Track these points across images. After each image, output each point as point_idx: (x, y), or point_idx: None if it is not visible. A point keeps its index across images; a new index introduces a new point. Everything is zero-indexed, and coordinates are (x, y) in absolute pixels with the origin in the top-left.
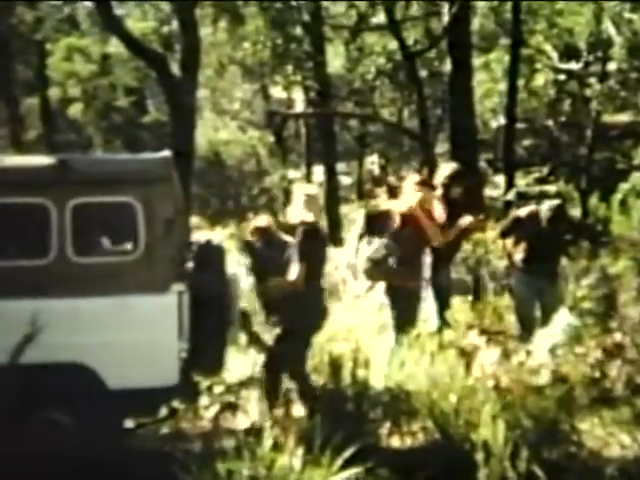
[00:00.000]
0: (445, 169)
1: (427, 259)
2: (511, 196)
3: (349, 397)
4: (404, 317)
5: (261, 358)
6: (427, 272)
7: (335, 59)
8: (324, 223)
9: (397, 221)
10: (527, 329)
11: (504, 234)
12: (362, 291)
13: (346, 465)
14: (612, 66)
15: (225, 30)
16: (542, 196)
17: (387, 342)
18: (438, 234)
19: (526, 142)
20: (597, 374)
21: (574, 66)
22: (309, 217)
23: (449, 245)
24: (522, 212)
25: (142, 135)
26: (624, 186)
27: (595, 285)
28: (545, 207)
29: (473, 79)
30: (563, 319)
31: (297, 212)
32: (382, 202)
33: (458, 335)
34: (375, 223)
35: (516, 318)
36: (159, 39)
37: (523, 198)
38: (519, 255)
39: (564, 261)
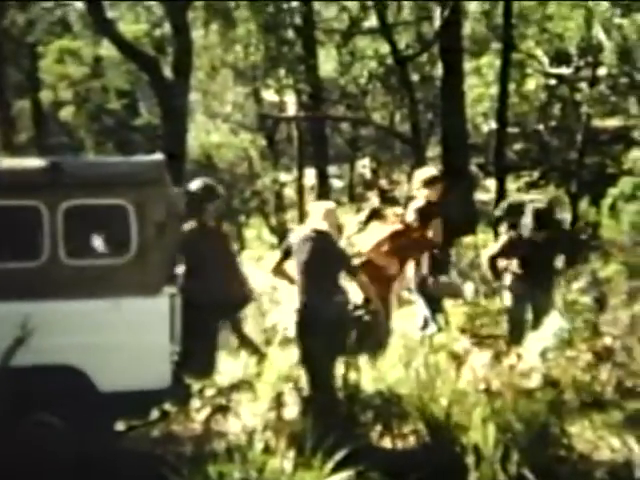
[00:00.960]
0: (421, 174)
1: (411, 269)
2: (499, 212)
3: (340, 400)
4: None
5: (252, 361)
6: (411, 281)
7: (327, 63)
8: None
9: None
10: (518, 333)
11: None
12: None
13: (337, 468)
14: (602, 71)
15: (217, 33)
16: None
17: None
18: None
19: (517, 146)
20: (587, 378)
21: (565, 71)
22: (322, 225)
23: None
24: (494, 250)
25: (134, 138)
26: (614, 190)
27: (586, 289)
28: (527, 216)
29: (464, 83)
30: (554, 323)
31: (312, 222)
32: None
33: (449, 338)
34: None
35: (508, 322)
36: (151, 42)
37: (511, 214)
38: (512, 267)
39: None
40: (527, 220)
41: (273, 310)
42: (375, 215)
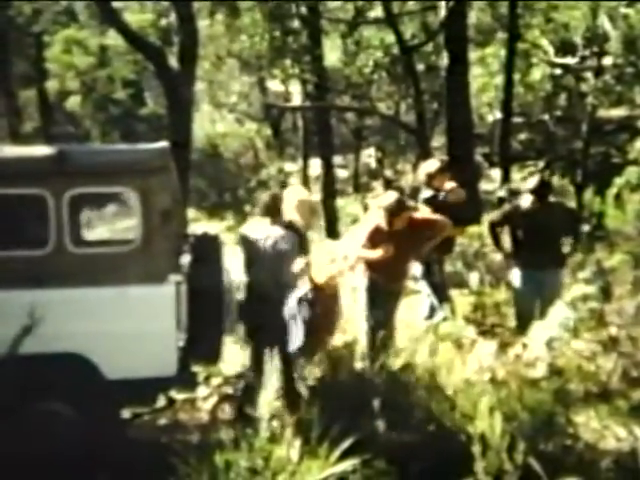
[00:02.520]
0: (430, 164)
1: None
2: (503, 193)
3: (346, 389)
4: (381, 316)
5: None
6: (418, 270)
7: (332, 52)
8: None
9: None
10: (525, 322)
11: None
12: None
13: (343, 456)
14: (608, 61)
15: (223, 23)
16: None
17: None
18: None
19: (522, 136)
20: (593, 367)
21: (570, 61)
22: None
23: (442, 244)
24: (495, 215)
25: (140, 127)
26: (619, 180)
27: (591, 279)
28: (531, 183)
29: (469, 73)
30: (559, 312)
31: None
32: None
33: (455, 328)
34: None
35: (515, 311)
36: (157, 32)
37: (515, 194)
38: (515, 247)
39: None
40: (530, 185)
41: None
42: (367, 209)
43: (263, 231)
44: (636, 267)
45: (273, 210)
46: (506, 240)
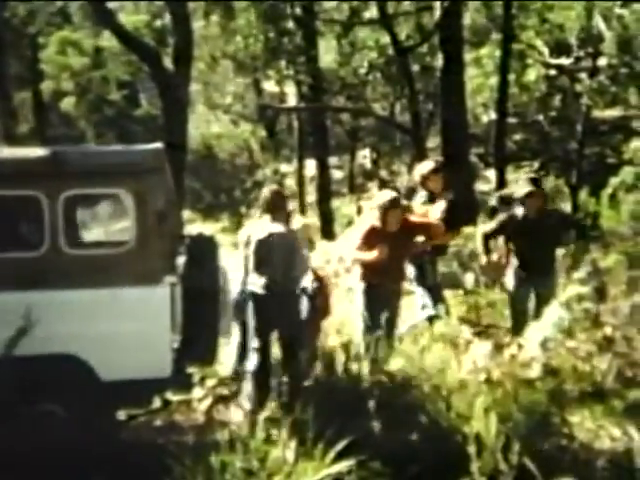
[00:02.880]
0: (424, 166)
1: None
2: (494, 202)
3: (342, 390)
4: (381, 317)
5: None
6: (411, 272)
7: (327, 53)
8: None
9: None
10: (520, 324)
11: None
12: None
13: (339, 458)
14: (602, 61)
15: (217, 24)
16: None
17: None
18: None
19: (517, 137)
20: (588, 367)
21: (565, 61)
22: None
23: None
24: (489, 227)
25: (134, 129)
26: (614, 180)
27: (586, 279)
28: (522, 185)
29: (464, 74)
30: (554, 313)
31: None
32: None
33: (450, 328)
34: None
35: (510, 312)
36: (152, 33)
37: (505, 202)
38: (511, 252)
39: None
40: (522, 194)
41: None
42: (360, 212)
43: (266, 229)
44: (631, 267)
45: (274, 206)
46: (500, 245)
